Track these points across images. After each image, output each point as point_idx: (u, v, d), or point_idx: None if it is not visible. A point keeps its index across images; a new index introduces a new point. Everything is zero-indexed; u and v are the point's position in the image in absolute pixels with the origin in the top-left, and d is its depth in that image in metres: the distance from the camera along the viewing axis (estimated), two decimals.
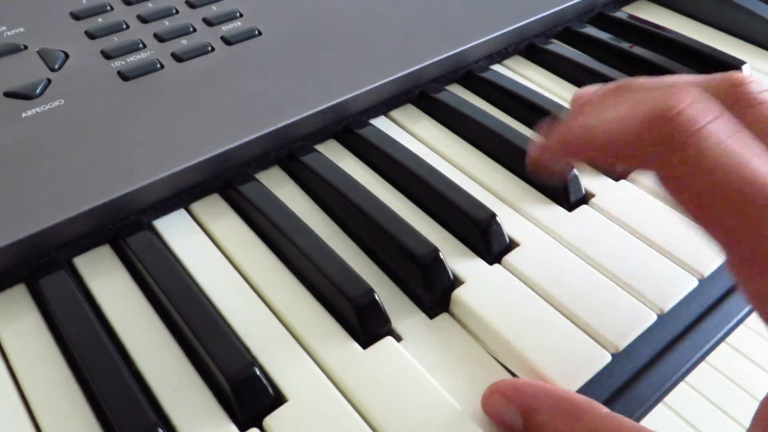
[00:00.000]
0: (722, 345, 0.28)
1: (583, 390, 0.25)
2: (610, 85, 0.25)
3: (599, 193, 0.33)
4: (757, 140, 0.20)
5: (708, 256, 0.29)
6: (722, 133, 0.20)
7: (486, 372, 0.26)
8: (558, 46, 0.43)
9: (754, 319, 0.30)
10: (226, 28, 0.39)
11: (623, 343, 0.26)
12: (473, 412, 0.24)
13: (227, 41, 0.38)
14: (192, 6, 0.41)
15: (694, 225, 0.21)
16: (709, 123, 0.20)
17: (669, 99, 0.21)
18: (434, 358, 0.26)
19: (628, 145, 0.21)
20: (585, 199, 0.33)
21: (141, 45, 0.37)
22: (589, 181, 0.34)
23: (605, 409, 0.21)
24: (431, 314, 0.28)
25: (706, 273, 0.29)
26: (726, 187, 0.19)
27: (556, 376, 0.25)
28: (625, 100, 0.23)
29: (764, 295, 0.19)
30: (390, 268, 0.29)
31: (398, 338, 0.27)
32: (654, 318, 0.27)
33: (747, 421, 0.20)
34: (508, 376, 0.25)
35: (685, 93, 0.21)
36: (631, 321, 0.27)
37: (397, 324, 0.27)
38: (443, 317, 0.28)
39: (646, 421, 0.24)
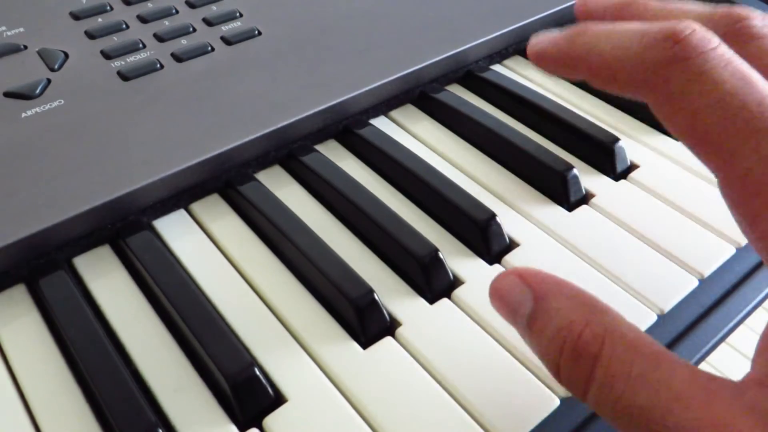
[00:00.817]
0: (722, 345, 0.28)
1: None
2: (615, 1, 0.26)
3: (599, 193, 0.33)
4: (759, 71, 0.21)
5: (708, 256, 0.29)
6: (729, 56, 0.20)
7: (486, 371, 0.26)
8: None
9: (754, 319, 0.30)
10: (226, 28, 0.39)
11: None
12: (473, 412, 0.24)
13: (227, 41, 0.38)
14: (192, 6, 0.41)
15: (687, 147, 0.21)
16: (717, 46, 0.20)
17: (678, 25, 0.21)
18: (434, 357, 0.26)
19: (631, 64, 0.21)
20: (585, 199, 0.33)
21: (141, 45, 0.37)
22: (589, 181, 0.34)
23: (625, 319, 0.20)
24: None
25: (706, 273, 0.29)
26: (730, 105, 0.19)
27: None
28: (630, 21, 0.23)
29: (758, 216, 0.19)
30: (391, 265, 0.29)
31: (398, 324, 0.27)
32: (654, 318, 0.27)
33: None
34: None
35: (693, 23, 0.21)
36: (631, 321, 0.27)
37: (398, 314, 0.27)
38: (444, 312, 0.28)
39: None
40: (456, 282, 0.29)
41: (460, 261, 0.29)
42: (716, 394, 0.17)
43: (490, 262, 0.29)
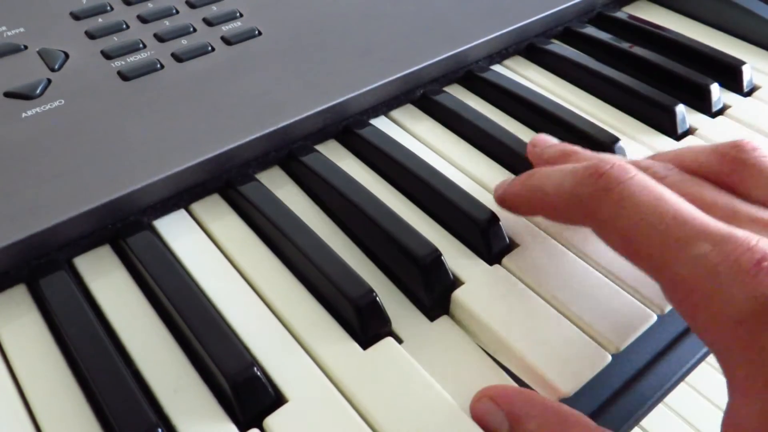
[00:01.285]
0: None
1: (583, 390, 0.25)
2: (558, 147, 0.31)
3: None
4: (688, 184, 0.25)
5: None
6: (645, 182, 0.23)
7: (486, 373, 0.26)
8: (558, 47, 0.43)
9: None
10: (226, 28, 0.39)
11: (623, 344, 0.26)
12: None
13: (227, 41, 0.38)
14: (192, 6, 0.41)
15: (630, 262, 0.24)
16: (634, 175, 0.24)
17: (600, 161, 0.25)
18: (434, 359, 0.26)
19: (568, 199, 0.25)
20: None
21: (141, 45, 0.37)
22: None
23: (593, 423, 0.22)
24: (431, 316, 0.28)
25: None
26: (649, 221, 0.22)
27: (556, 377, 0.25)
28: (567, 162, 0.28)
29: (696, 310, 0.21)
30: (390, 270, 0.29)
31: (398, 340, 0.27)
32: (654, 318, 0.27)
33: None
34: (508, 378, 0.25)
35: (614, 158, 0.25)
36: (632, 321, 0.27)
37: (396, 326, 0.27)
38: (443, 318, 0.28)
39: (646, 421, 0.24)
40: (456, 282, 0.29)
41: (460, 261, 0.29)
42: None
43: (490, 263, 0.29)
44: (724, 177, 0.26)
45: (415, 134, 0.37)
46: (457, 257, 0.30)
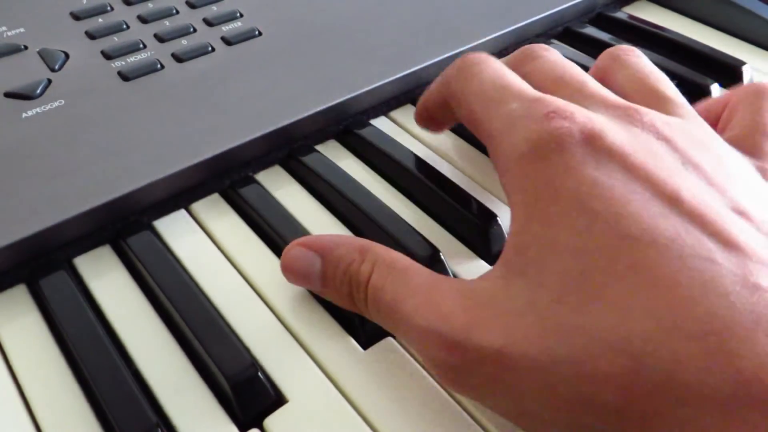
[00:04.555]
0: None
1: None
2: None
3: None
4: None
5: None
6: (495, 64, 0.28)
7: None
8: (558, 47, 0.43)
9: None
10: (227, 29, 0.39)
11: None
12: (474, 412, 0.24)
13: (227, 41, 0.38)
14: (192, 6, 0.41)
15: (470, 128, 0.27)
16: (487, 58, 0.28)
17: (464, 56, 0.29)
18: None
19: (438, 86, 0.30)
20: None
21: (141, 45, 0.37)
22: None
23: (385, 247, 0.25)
24: None
25: None
26: (479, 90, 0.26)
27: None
28: None
29: (498, 163, 0.25)
30: None
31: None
32: None
33: None
34: None
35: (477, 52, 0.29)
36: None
37: None
38: None
39: None
40: None
41: (460, 261, 0.29)
42: (439, 285, 0.22)
43: (491, 263, 0.29)
44: (601, 73, 0.30)
45: (415, 134, 0.37)
46: (457, 257, 0.30)
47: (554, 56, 0.29)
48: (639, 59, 0.29)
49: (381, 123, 0.37)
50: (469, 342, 0.20)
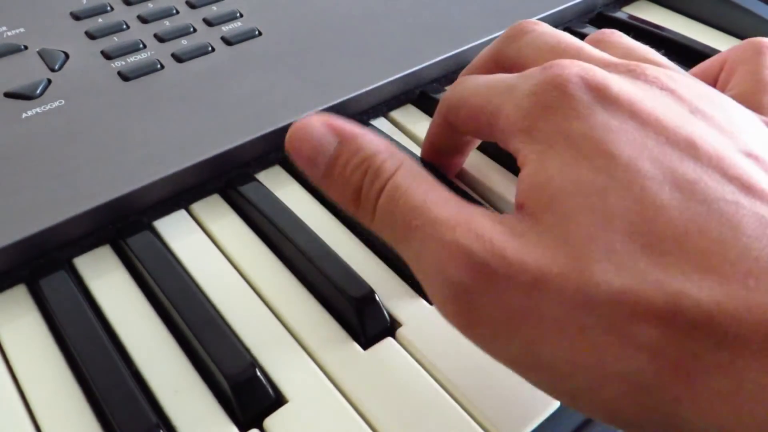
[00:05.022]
0: None
1: None
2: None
3: None
4: None
5: None
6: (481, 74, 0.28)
7: (486, 371, 0.26)
8: None
9: None
10: (227, 29, 0.39)
11: None
12: (474, 412, 0.24)
13: (227, 41, 0.38)
14: (192, 6, 0.41)
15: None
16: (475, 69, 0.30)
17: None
18: (435, 357, 0.26)
19: (437, 116, 0.29)
20: None
21: (141, 45, 0.37)
22: None
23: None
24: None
25: None
26: (478, 90, 0.25)
27: None
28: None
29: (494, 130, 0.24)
30: (392, 264, 0.29)
31: (400, 339, 0.27)
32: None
33: None
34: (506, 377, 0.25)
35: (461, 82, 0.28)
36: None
37: (400, 323, 0.27)
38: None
39: None
40: None
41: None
42: (470, 206, 0.21)
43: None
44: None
45: (415, 135, 0.37)
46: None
47: (546, 28, 0.28)
48: (622, 37, 0.29)
49: (380, 123, 0.37)
50: (501, 263, 0.19)
